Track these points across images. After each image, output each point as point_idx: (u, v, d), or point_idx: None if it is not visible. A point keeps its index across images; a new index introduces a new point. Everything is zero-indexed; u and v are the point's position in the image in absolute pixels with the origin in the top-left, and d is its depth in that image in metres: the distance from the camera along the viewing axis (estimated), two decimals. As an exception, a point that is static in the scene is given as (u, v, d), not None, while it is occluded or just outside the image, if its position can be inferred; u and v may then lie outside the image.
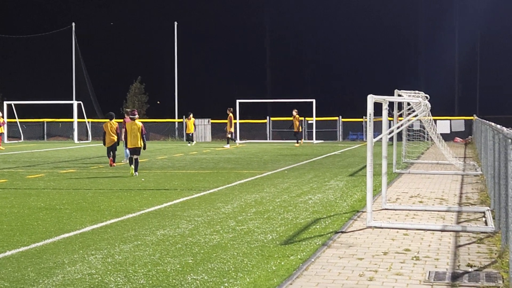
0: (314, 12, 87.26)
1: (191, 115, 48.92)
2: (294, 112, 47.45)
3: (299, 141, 47.81)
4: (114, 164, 27.74)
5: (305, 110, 55.10)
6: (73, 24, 65.19)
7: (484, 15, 77.35)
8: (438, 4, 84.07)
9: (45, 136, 61.00)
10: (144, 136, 24.68)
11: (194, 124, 49.57)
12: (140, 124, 24.81)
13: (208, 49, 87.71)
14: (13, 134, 58.84)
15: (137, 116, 25.08)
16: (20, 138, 58.29)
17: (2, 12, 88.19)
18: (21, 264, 10.09)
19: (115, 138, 27.99)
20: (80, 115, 56.54)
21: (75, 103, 56.69)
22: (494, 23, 77.71)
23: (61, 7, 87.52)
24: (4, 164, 29.79)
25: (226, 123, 45.31)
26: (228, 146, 44.60)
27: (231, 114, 44.39)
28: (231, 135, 45.78)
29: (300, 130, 48.99)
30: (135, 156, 24.34)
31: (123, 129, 25.12)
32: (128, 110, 28.27)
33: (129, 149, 24.72)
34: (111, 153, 27.95)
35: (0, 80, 68.51)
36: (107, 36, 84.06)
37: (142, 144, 24.58)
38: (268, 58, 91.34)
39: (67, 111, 60.22)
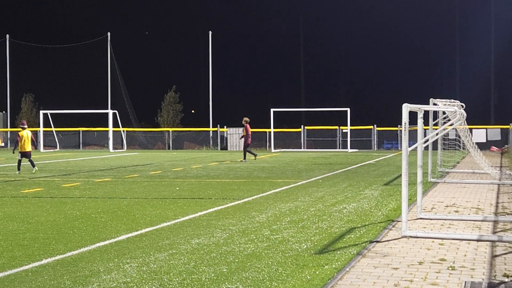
0: (348, 21, 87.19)
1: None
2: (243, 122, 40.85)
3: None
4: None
5: (339, 119, 55.00)
6: (109, 33, 65.81)
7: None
8: (472, 11, 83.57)
9: (81, 145, 61.57)
10: (33, 142, 31.17)
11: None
12: (30, 133, 30.64)
13: (243, 58, 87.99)
14: (49, 143, 59.49)
15: (26, 126, 30.62)
16: (56, 147, 58.83)
17: (39, 23, 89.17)
18: (57, 272, 10.17)
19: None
20: (115, 124, 56.93)
21: (110, 112, 57.10)
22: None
23: (97, 17, 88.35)
24: (40, 173, 30.04)
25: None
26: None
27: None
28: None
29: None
30: (28, 159, 29.81)
31: (18, 137, 30.28)
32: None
33: (23, 153, 29.77)
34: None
35: (36, 90, 69.28)
36: (142, 45, 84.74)
37: (33, 148, 31.01)
38: (303, 67, 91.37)
39: (102, 120, 60.70)
